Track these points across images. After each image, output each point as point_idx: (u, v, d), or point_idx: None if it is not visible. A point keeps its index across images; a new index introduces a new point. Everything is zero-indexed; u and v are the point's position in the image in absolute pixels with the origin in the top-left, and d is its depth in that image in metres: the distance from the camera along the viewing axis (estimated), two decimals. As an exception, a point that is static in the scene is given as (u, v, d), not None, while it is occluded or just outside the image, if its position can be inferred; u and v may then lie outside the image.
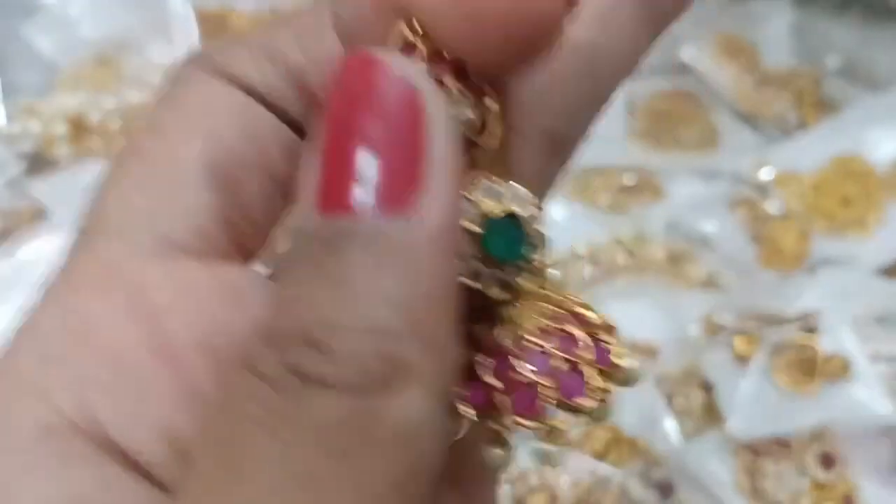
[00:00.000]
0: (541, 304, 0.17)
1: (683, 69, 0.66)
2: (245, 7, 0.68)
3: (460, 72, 0.16)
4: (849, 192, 0.57)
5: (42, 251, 0.54)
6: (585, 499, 0.45)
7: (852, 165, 0.58)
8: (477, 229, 0.16)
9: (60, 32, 0.64)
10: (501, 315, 0.17)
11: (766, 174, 0.59)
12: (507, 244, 0.16)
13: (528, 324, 0.16)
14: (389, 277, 0.14)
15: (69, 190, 0.57)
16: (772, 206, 0.58)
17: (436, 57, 0.16)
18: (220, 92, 0.18)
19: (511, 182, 0.16)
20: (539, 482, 0.45)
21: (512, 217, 0.16)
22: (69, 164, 0.59)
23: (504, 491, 0.45)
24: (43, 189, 0.58)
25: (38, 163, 0.59)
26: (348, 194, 0.14)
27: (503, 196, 0.16)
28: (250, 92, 0.18)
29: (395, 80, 0.14)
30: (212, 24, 0.65)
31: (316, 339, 0.14)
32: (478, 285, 0.16)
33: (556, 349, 0.16)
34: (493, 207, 0.16)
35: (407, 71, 0.14)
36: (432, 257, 0.14)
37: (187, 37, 0.64)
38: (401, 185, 0.14)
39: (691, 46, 0.67)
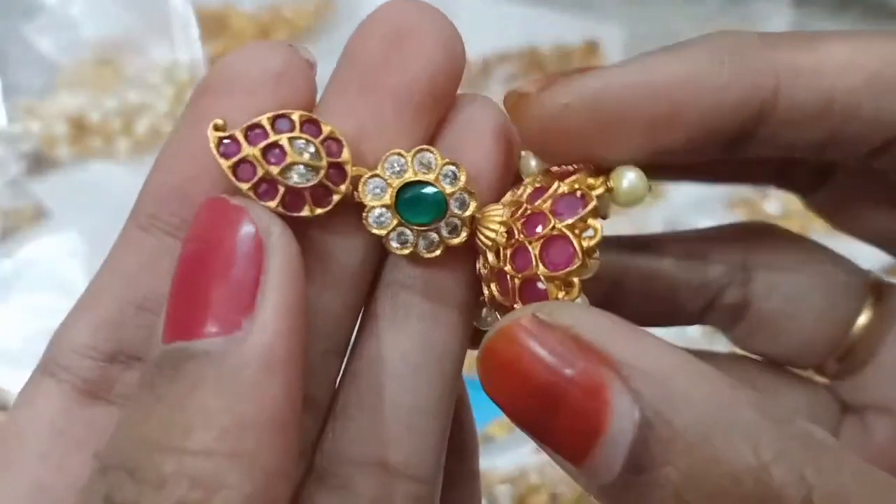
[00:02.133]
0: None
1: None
2: (245, 6, 0.68)
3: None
4: (848, 192, 0.56)
5: (42, 251, 0.54)
6: (585, 499, 0.45)
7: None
8: (387, 200, 0.18)
9: (61, 33, 0.64)
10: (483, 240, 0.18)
11: (772, 208, 0.59)
12: (415, 209, 0.18)
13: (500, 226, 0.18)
14: (213, 397, 0.14)
15: (70, 190, 0.57)
16: (771, 206, 0.58)
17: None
18: (47, 405, 0.18)
19: (424, 150, 0.18)
20: (539, 481, 0.45)
21: (420, 184, 0.18)
22: (70, 165, 0.59)
23: (504, 490, 0.45)
24: (43, 189, 0.58)
25: (39, 163, 0.59)
26: (187, 321, 0.15)
27: (407, 167, 0.18)
28: (84, 390, 0.18)
29: (243, 222, 0.16)
30: (212, 24, 0.65)
31: (131, 464, 0.14)
32: (406, 251, 0.18)
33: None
34: (391, 179, 0.18)
35: (255, 214, 0.16)
36: (258, 376, 0.14)
37: (188, 37, 0.64)
38: (233, 311, 0.15)
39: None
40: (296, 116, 0.17)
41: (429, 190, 0.18)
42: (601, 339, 0.15)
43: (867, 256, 0.24)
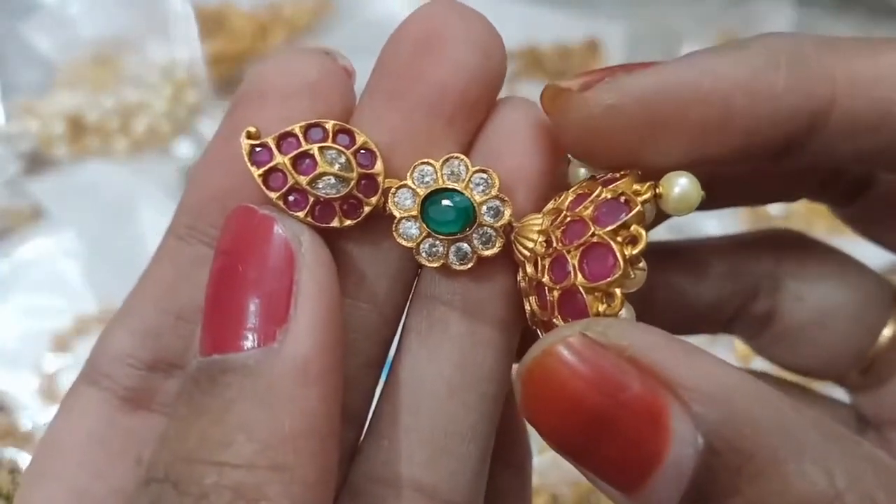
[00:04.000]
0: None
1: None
2: (244, 5, 0.67)
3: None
4: (850, 192, 0.56)
5: (40, 251, 0.54)
6: (585, 499, 0.45)
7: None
8: (414, 211, 0.17)
9: (59, 31, 0.64)
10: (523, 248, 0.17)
11: (775, 209, 0.59)
12: (441, 218, 0.17)
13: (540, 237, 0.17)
14: (251, 410, 0.14)
15: (67, 189, 0.57)
16: (772, 207, 0.58)
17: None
18: (88, 413, 0.18)
19: (452, 158, 0.17)
20: (539, 482, 0.45)
21: (447, 192, 0.17)
22: (67, 164, 0.59)
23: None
24: (41, 188, 0.57)
25: (37, 162, 0.59)
26: (222, 334, 0.15)
27: (436, 177, 0.17)
28: (125, 398, 0.18)
29: (272, 231, 0.16)
30: (211, 23, 0.65)
31: (175, 476, 0.14)
32: (436, 263, 0.17)
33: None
34: (420, 189, 0.17)
35: (284, 223, 0.16)
36: (296, 388, 0.14)
37: (186, 35, 0.64)
38: (268, 323, 0.15)
39: (692, 45, 0.66)
40: (329, 126, 0.17)
41: (455, 198, 0.17)
42: (658, 359, 0.14)
43: (871, 256, 0.24)
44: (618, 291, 0.16)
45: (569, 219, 0.16)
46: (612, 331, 0.14)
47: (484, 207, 0.17)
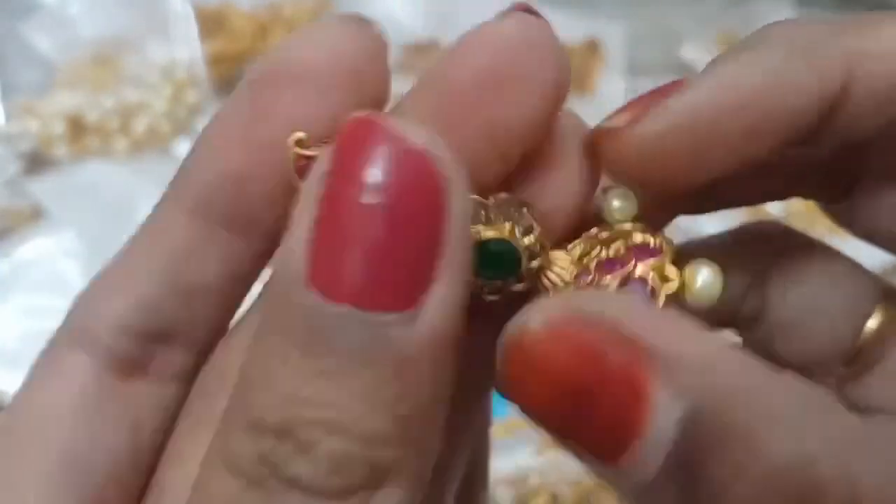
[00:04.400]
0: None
1: (684, 68, 0.66)
2: (244, 5, 0.67)
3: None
4: (850, 192, 0.56)
5: (40, 251, 0.54)
6: (585, 499, 0.45)
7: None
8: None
9: (59, 31, 0.64)
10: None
11: (774, 208, 0.59)
12: (488, 267, 0.16)
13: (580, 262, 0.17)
14: (380, 379, 0.13)
15: (67, 189, 0.57)
16: (773, 207, 0.58)
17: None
18: (80, 379, 0.17)
19: (503, 197, 0.17)
20: (540, 482, 0.45)
21: (494, 241, 0.16)
22: (67, 164, 0.59)
23: (505, 493, 0.45)
24: (41, 188, 0.57)
25: (37, 162, 0.59)
26: (344, 274, 0.12)
27: (482, 215, 0.16)
28: (119, 366, 0.18)
29: (411, 148, 0.13)
30: (211, 23, 0.65)
31: (297, 435, 0.13)
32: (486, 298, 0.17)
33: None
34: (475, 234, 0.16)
35: (427, 140, 0.13)
36: (431, 361, 0.13)
37: (186, 35, 0.64)
38: (406, 279, 0.13)
39: (692, 45, 0.66)
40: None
41: (503, 248, 0.16)
42: (638, 329, 0.13)
43: (867, 256, 0.24)
44: None
45: (595, 281, 0.17)
46: (592, 302, 0.14)
47: (525, 252, 0.17)
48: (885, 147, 0.18)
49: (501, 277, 0.17)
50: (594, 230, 0.18)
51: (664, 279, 0.17)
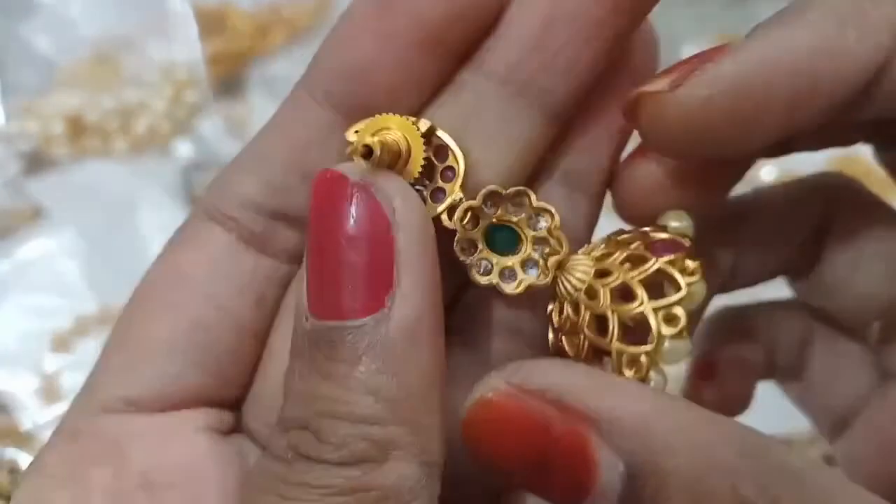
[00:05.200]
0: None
1: (684, 69, 0.66)
2: (244, 5, 0.67)
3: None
4: (850, 192, 0.56)
5: (40, 251, 0.54)
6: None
7: (853, 166, 0.58)
8: (478, 236, 0.18)
9: (59, 31, 0.64)
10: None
11: (766, 174, 0.59)
12: (502, 241, 0.19)
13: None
14: (372, 370, 0.16)
15: (68, 189, 0.57)
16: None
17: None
18: (214, 249, 0.20)
19: (520, 191, 0.18)
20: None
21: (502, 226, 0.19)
22: (67, 164, 0.59)
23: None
24: (41, 188, 0.57)
25: (37, 162, 0.59)
26: (334, 303, 0.16)
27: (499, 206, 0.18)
28: (248, 241, 0.20)
29: (363, 194, 0.16)
30: (211, 23, 0.65)
31: (314, 427, 0.16)
32: (486, 280, 0.19)
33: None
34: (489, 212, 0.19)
35: (377, 184, 0.16)
36: (407, 348, 0.16)
37: (186, 35, 0.64)
38: (375, 288, 0.16)
39: (692, 46, 0.66)
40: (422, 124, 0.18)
41: (504, 230, 0.19)
42: (577, 397, 0.15)
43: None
44: (643, 360, 0.17)
45: (620, 282, 0.17)
46: (534, 375, 0.16)
47: (535, 244, 0.19)
48: None
49: (508, 253, 0.19)
50: (613, 232, 0.19)
51: (683, 272, 0.17)
